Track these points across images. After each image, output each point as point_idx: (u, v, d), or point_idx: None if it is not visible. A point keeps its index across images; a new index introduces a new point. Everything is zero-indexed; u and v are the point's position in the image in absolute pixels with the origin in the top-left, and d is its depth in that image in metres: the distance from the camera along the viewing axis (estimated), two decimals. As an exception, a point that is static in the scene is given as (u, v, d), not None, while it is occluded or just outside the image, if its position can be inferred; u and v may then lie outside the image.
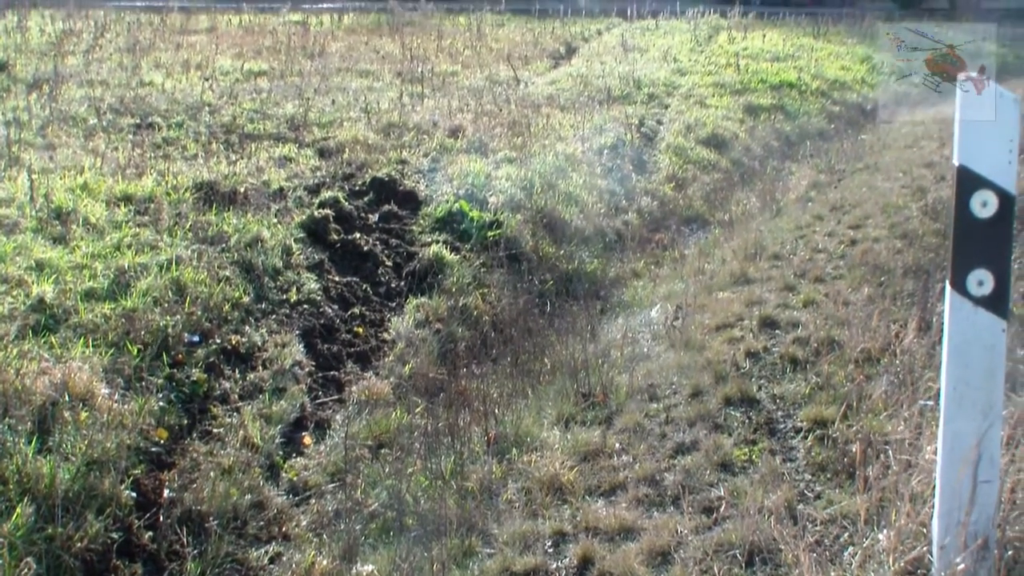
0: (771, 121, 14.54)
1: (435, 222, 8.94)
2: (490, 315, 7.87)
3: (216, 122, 10.78)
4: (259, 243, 7.58)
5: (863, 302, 6.98)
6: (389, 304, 7.87)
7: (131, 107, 11.04)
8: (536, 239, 9.14)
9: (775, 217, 10.21)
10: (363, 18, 21.79)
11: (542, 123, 12.07)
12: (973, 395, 3.53)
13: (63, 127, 10.02)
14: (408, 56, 15.59)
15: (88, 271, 6.54)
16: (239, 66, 14.22)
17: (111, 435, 5.03)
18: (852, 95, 17.12)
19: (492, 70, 15.43)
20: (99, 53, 14.42)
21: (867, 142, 13.82)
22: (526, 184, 9.91)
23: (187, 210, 7.83)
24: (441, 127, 11.27)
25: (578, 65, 16.89)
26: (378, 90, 13.18)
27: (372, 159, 9.99)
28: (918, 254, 7.98)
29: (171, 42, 16.47)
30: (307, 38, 17.26)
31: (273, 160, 9.63)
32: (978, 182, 3.44)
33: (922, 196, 9.85)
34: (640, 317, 7.79)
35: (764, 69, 17.35)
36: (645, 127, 12.97)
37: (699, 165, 12.17)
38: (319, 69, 14.47)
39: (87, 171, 8.43)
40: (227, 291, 6.85)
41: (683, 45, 19.85)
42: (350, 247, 8.29)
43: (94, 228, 7.27)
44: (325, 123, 11.15)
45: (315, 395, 6.55)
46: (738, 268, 8.30)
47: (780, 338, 6.71)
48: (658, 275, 9.03)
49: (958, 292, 3.51)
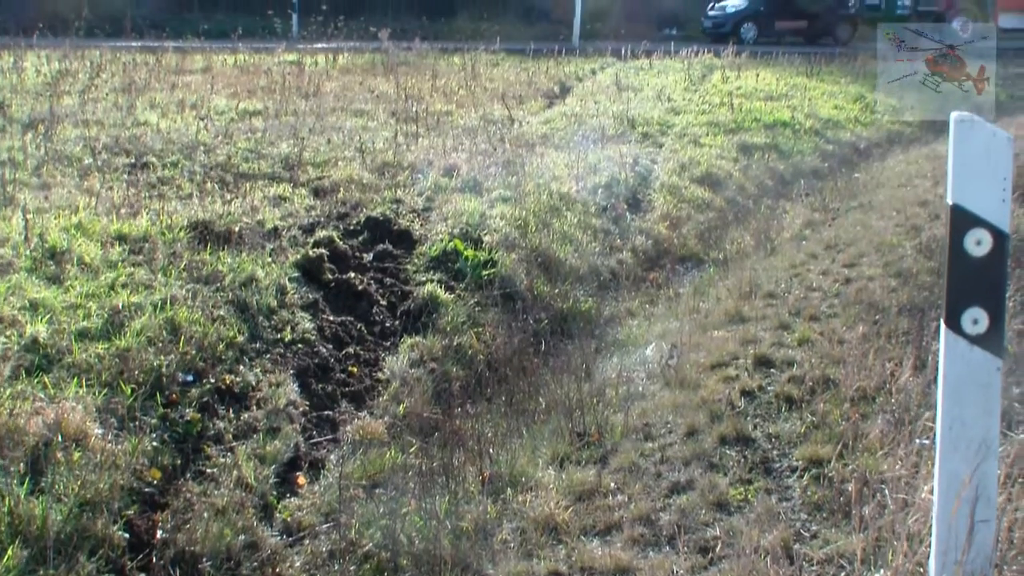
0: (765, 160, 14.57)
1: (430, 261, 8.93)
2: (485, 354, 7.86)
3: (211, 161, 10.79)
4: (254, 282, 7.57)
5: (858, 340, 6.97)
6: (383, 343, 7.86)
7: (126, 147, 11.06)
8: (531, 278, 9.13)
9: (769, 256, 10.22)
10: (358, 58, 21.85)
11: (536, 162, 12.09)
12: (969, 434, 3.53)
13: (58, 167, 10.03)
14: (403, 96, 15.63)
15: (82, 311, 6.53)
16: (234, 106, 14.25)
17: (104, 475, 5.01)
18: (846, 134, 17.17)
19: (486, 109, 15.46)
20: (95, 93, 14.44)
21: (861, 180, 13.85)
22: (521, 223, 9.91)
23: (182, 249, 7.83)
24: (436, 166, 11.28)
25: (572, 104, 16.93)
26: (373, 130, 13.21)
27: (367, 198, 10.01)
28: (913, 292, 7.99)
29: (166, 82, 16.51)
30: (302, 78, 17.28)
31: (268, 199, 9.64)
32: (972, 221, 3.45)
33: (916, 234, 9.87)
34: (635, 356, 7.77)
35: (758, 108, 17.41)
36: (639, 166, 12.99)
37: (693, 204, 12.18)
38: (314, 109, 14.50)
39: (82, 211, 8.43)
40: (221, 330, 6.84)
41: (677, 84, 19.92)
42: (345, 286, 8.28)
43: (88, 268, 7.27)
44: (320, 162, 11.17)
45: (309, 435, 6.53)
46: (733, 307, 8.30)
47: (775, 377, 6.70)
48: (653, 314, 9.02)
49: (953, 330, 3.51)
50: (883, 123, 18.39)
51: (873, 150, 16.52)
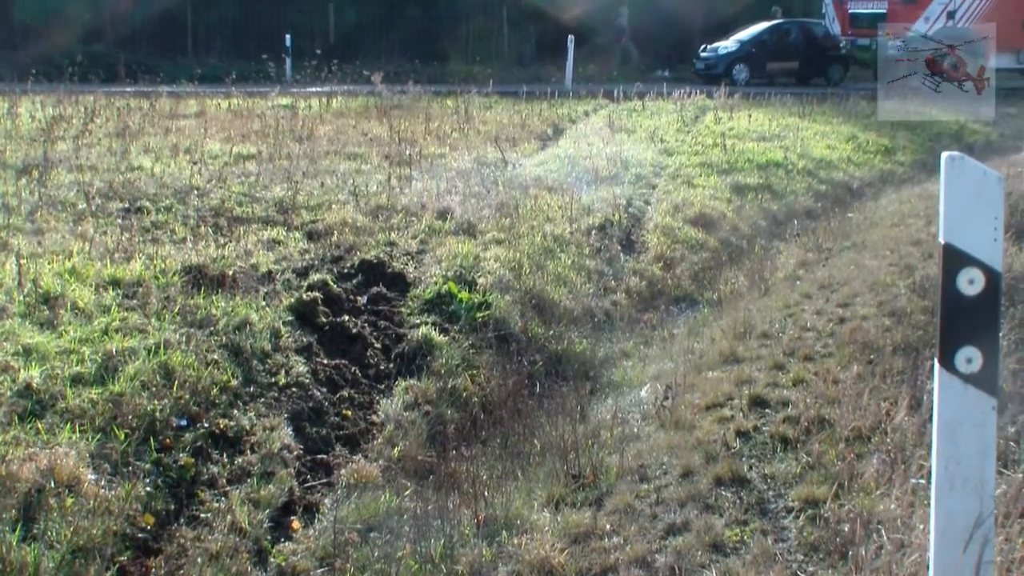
0: (758, 200, 14.60)
1: (424, 304, 8.93)
2: (479, 396, 7.85)
3: (205, 205, 10.80)
4: (247, 326, 7.56)
5: (853, 380, 6.97)
6: (378, 386, 7.84)
7: (120, 191, 11.06)
8: (525, 320, 9.14)
9: (764, 296, 10.22)
10: (351, 101, 21.91)
11: (530, 204, 12.11)
12: (965, 473, 3.52)
13: (52, 212, 10.04)
14: (396, 139, 15.67)
15: (75, 356, 6.51)
16: (228, 150, 14.27)
17: (97, 521, 4.99)
18: (838, 174, 17.21)
19: (480, 152, 15.50)
20: (89, 138, 14.46)
21: (854, 220, 13.88)
22: (515, 265, 9.93)
23: (175, 294, 7.82)
24: (429, 209, 11.30)
25: (565, 146, 16.97)
26: (366, 173, 13.23)
27: (361, 241, 10.01)
28: (907, 332, 7.99)
29: (160, 127, 16.54)
30: (296, 122, 17.32)
31: (262, 243, 9.65)
32: (964, 260, 3.45)
33: (910, 274, 9.88)
34: (630, 397, 7.77)
35: (750, 149, 17.46)
36: (633, 207, 13.02)
37: (687, 245, 12.20)
38: (307, 152, 14.53)
39: (75, 255, 8.43)
40: (215, 375, 6.83)
41: (670, 126, 19.98)
42: (339, 329, 8.27)
43: (82, 312, 7.26)
44: (313, 206, 11.18)
45: (303, 479, 6.50)
46: (727, 347, 8.30)
47: (770, 417, 6.69)
48: (647, 355, 9.02)
49: (947, 370, 3.50)
50: (875, 163, 18.45)
51: (866, 190, 16.57)
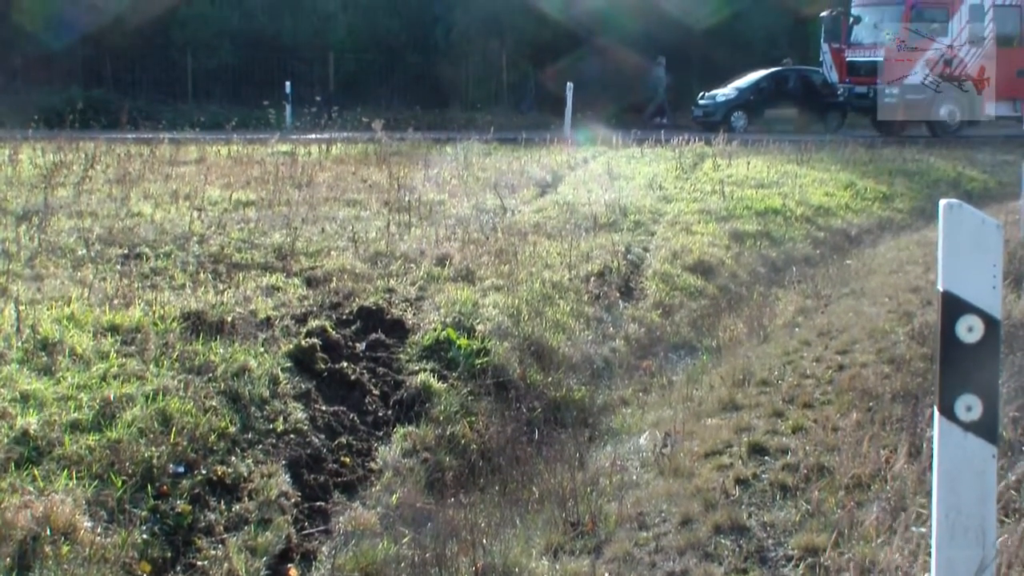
0: (757, 247, 14.62)
1: (422, 351, 8.92)
2: (478, 444, 7.83)
3: (204, 252, 10.81)
4: (246, 373, 7.55)
5: (852, 428, 6.95)
6: (376, 433, 7.82)
7: (119, 238, 11.08)
8: (524, 367, 9.13)
9: (762, 343, 10.22)
10: (351, 148, 21.98)
11: (529, 251, 12.13)
12: (965, 522, 3.51)
13: (51, 258, 10.05)
14: (395, 185, 15.70)
15: (73, 402, 6.50)
16: (228, 196, 14.30)
17: (93, 570, 4.96)
18: (837, 221, 17.25)
19: (479, 198, 15.53)
20: (89, 185, 14.49)
21: (853, 267, 13.89)
22: (513, 312, 9.92)
23: (174, 340, 7.82)
24: (428, 256, 11.31)
25: (564, 193, 17.01)
26: (365, 219, 13.26)
27: (359, 288, 10.01)
28: (906, 379, 7.98)
29: (160, 173, 16.58)
30: (295, 168, 17.37)
31: (261, 289, 9.65)
32: (963, 307, 3.46)
33: (909, 321, 9.88)
34: (629, 444, 7.75)
35: (749, 196, 17.50)
36: (632, 254, 13.03)
37: (686, 291, 12.21)
38: (307, 199, 14.56)
39: (74, 302, 8.43)
40: (213, 421, 6.82)
41: (668, 172, 20.03)
42: (337, 376, 8.26)
43: (80, 359, 7.25)
44: (313, 252, 11.19)
45: (301, 526, 6.47)
46: (726, 394, 8.29)
47: (770, 464, 6.67)
48: (646, 402, 9.00)
49: (947, 417, 3.50)
50: (873, 210, 18.49)
51: (864, 236, 16.60)
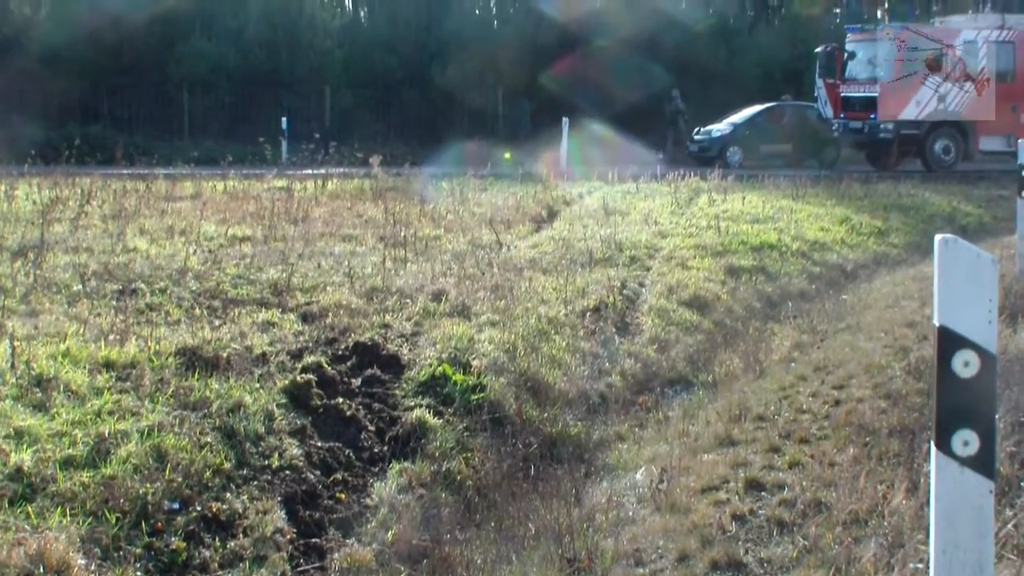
0: (752, 282, 14.62)
1: (418, 386, 8.91)
2: (474, 479, 7.81)
3: (200, 287, 10.81)
4: (241, 408, 7.54)
5: (849, 463, 6.94)
6: (372, 469, 7.80)
7: (115, 273, 11.08)
8: (520, 402, 9.11)
9: (759, 378, 10.21)
10: (347, 184, 22.02)
11: (525, 286, 12.13)
12: (963, 557, 3.49)
13: (47, 294, 10.04)
14: (391, 221, 15.72)
15: (68, 438, 6.49)
16: (223, 231, 14.32)
17: (87, 607, 4.93)
18: (832, 256, 17.25)
19: (475, 234, 15.55)
20: (85, 220, 14.51)
21: (848, 302, 13.90)
22: (509, 347, 9.91)
23: (169, 376, 7.81)
24: (424, 291, 11.31)
25: (560, 228, 17.03)
26: (361, 255, 13.26)
27: (355, 323, 10.01)
28: (903, 414, 7.97)
29: (156, 208, 16.61)
30: (291, 203, 17.39)
31: (256, 325, 9.64)
32: (959, 342, 3.46)
33: (905, 356, 9.87)
34: (625, 480, 7.73)
35: (744, 231, 17.50)
36: (627, 289, 13.03)
37: (682, 327, 12.19)
38: (303, 234, 14.58)
39: (70, 337, 8.42)
40: (208, 457, 6.80)
41: (664, 208, 20.05)
42: (333, 412, 8.24)
43: (75, 395, 7.24)
44: (308, 288, 11.18)
45: (296, 563, 6.44)
46: (723, 430, 8.27)
47: (766, 500, 6.66)
48: (642, 438, 8.98)
49: (943, 453, 3.49)
50: (869, 245, 18.51)
51: (860, 271, 16.60)
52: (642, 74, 37.05)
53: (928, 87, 31.22)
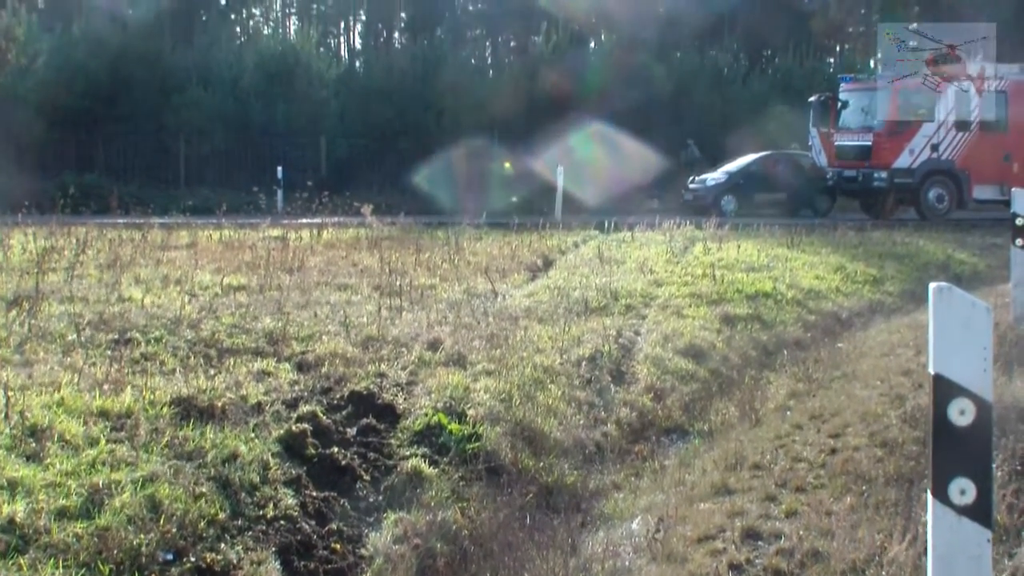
0: (748, 330, 14.62)
1: (413, 436, 8.89)
2: (469, 529, 7.77)
3: (195, 337, 10.79)
4: (236, 458, 7.53)
5: (846, 512, 6.92)
6: (367, 519, 7.77)
7: (110, 323, 11.06)
8: (515, 452, 9.09)
9: (755, 427, 10.19)
10: (342, 233, 22.06)
11: (520, 335, 12.13)
12: (961, 607, 3.48)
13: (42, 343, 10.02)
14: (386, 270, 15.74)
15: (61, 489, 6.46)
16: (219, 281, 14.32)
17: (80, 659, 4.90)
18: (827, 304, 17.26)
19: (470, 283, 15.56)
20: (80, 270, 14.52)
21: (844, 350, 13.89)
22: (505, 396, 9.90)
23: (164, 425, 7.79)
24: (419, 340, 11.30)
25: (555, 277, 17.05)
26: (357, 304, 13.26)
27: (350, 372, 10.00)
28: (899, 462, 7.95)
29: (151, 258, 16.62)
30: (286, 253, 17.42)
31: (251, 374, 9.63)
32: (955, 390, 3.46)
33: (901, 404, 9.86)
34: (621, 530, 7.70)
35: (740, 279, 17.52)
36: (623, 338, 13.03)
37: (677, 375, 12.18)
38: (298, 283, 14.58)
39: (64, 387, 8.39)
40: (203, 507, 6.77)
41: (659, 256, 20.08)
42: (328, 462, 8.23)
43: (69, 445, 7.22)
44: (304, 337, 11.17)
45: (291, 614, 6.41)
46: (719, 479, 8.25)
47: (763, 549, 6.63)
48: (638, 487, 8.96)
49: (940, 501, 3.49)
50: (864, 293, 18.52)
51: (855, 320, 16.60)
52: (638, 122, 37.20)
53: (921, 137, 31.42)
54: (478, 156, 37.20)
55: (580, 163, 35.18)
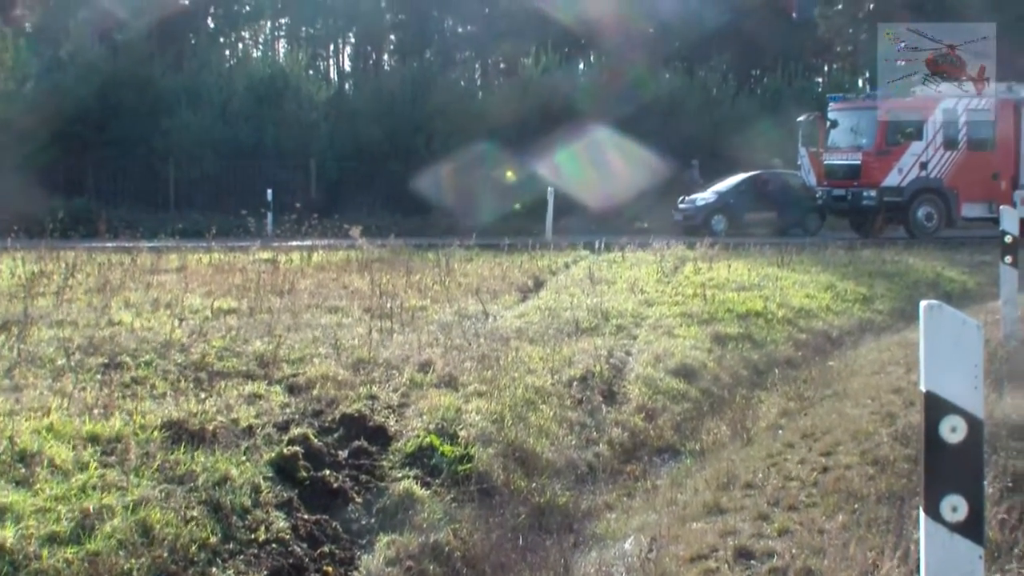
0: (739, 350, 14.64)
1: (405, 458, 8.87)
2: (462, 551, 7.75)
3: (185, 360, 10.77)
4: (227, 482, 7.50)
5: (838, 530, 6.92)
6: (359, 541, 7.75)
7: (100, 347, 11.03)
8: (508, 472, 9.07)
9: (746, 446, 10.19)
10: (332, 255, 22.04)
11: (511, 356, 12.12)
12: (954, 625, 3.48)
13: (31, 368, 9.99)
14: (377, 292, 15.72)
15: (51, 514, 6.43)
16: (209, 304, 14.29)
17: None
18: (818, 323, 17.29)
19: (461, 304, 15.55)
20: (69, 294, 14.49)
21: (835, 369, 13.90)
22: (497, 417, 9.89)
23: (155, 449, 7.76)
24: (411, 362, 11.29)
25: (546, 298, 17.06)
26: (347, 326, 13.25)
27: (342, 395, 9.98)
28: (891, 480, 7.96)
29: (141, 281, 16.58)
30: (277, 275, 17.40)
31: (242, 397, 9.60)
32: (946, 407, 3.46)
33: (892, 422, 9.86)
34: (614, 550, 7.69)
35: (730, 298, 17.55)
36: (614, 358, 13.03)
37: (669, 395, 12.18)
38: (289, 306, 14.56)
39: (54, 412, 8.36)
40: (194, 531, 6.75)
41: (650, 276, 20.10)
42: (320, 484, 8.20)
43: (59, 470, 7.19)
44: (294, 360, 11.15)
45: (283, 638, 6.39)
46: (711, 498, 8.25)
47: (756, 568, 6.63)
48: (631, 507, 8.95)
49: (932, 518, 3.48)
50: (854, 311, 18.55)
51: (845, 338, 16.62)
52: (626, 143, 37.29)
53: (909, 155, 31.55)
54: (468, 176, 37.24)
55: (571, 183, 35.22)
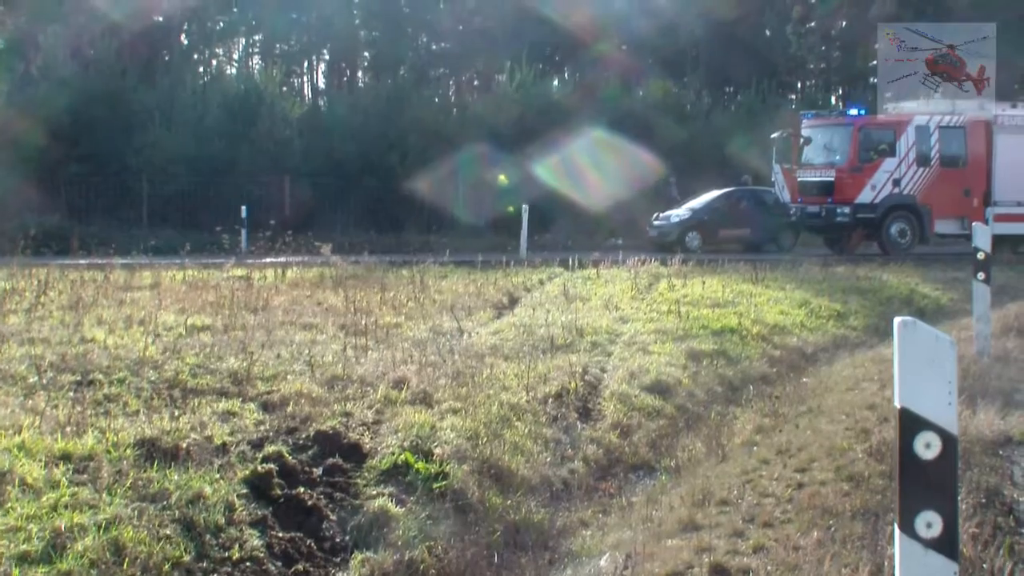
0: (714, 366, 14.65)
1: (380, 475, 8.84)
2: (437, 568, 7.73)
3: (159, 377, 10.72)
4: (201, 499, 7.46)
5: (814, 546, 6.92)
6: (334, 559, 7.72)
7: (72, 364, 10.97)
8: (483, 490, 9.05)
9: (721, 462, 10.20)
10: (306, 272, 22.00)
11: (486, 373, 12.11)
12: (930, 641, 3.48)
13: (2, 386, 9.92)
14: (351, 309, 15.70)
15: (22, 534, 6.39)
16: (182, 321, 14.24)
17: None
18: (792, 339, 17.32)
19: (435, 321, 15.54)
20: (41, 311, 14.42)
21: (809, 385, 13.94)
22: (472, 434, 9.87)
23: (128, 467, 7.72)
24: (385, 379, 11.26)
25: (521, 315, 17.05)
26: (322, 343, 13.21)
27: (316, 412, 9.94)
28: (866, 496, 7.97)
29: (114, 298, 16.51)
30: (250, 292, 17.35)
31: (216, 415, 9.55)
32: (921, 424, 3.47)
33: (866, 438, 9.89)
34: (589, 567, 7.68)
35: (705, 315, 17.58)
36: (589, 375, 13.03)
37: (644, 412, 12.18)
38: (262, 323, 14.51)
39: (25, 430, 8.31)
40: (167, 550, 6.71)
41: (624, 293, 20.13)
42: (294, 502, 8.16)
43: (30, 488, 7.14)
44: (269, 377, 11.11)
45: (257, 657, 6.35)
46: (686, 515, 8.25)
47: (732, 586, 6.62)
48: (606, 524, 8.94)
49: (907, 535, 3.49)
50: (828, 328, 18.60)
51: (820, 354, 16.67)
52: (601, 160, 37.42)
53: (882, 172, 31.72)
54: (443, 193, 37.29)
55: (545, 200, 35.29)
